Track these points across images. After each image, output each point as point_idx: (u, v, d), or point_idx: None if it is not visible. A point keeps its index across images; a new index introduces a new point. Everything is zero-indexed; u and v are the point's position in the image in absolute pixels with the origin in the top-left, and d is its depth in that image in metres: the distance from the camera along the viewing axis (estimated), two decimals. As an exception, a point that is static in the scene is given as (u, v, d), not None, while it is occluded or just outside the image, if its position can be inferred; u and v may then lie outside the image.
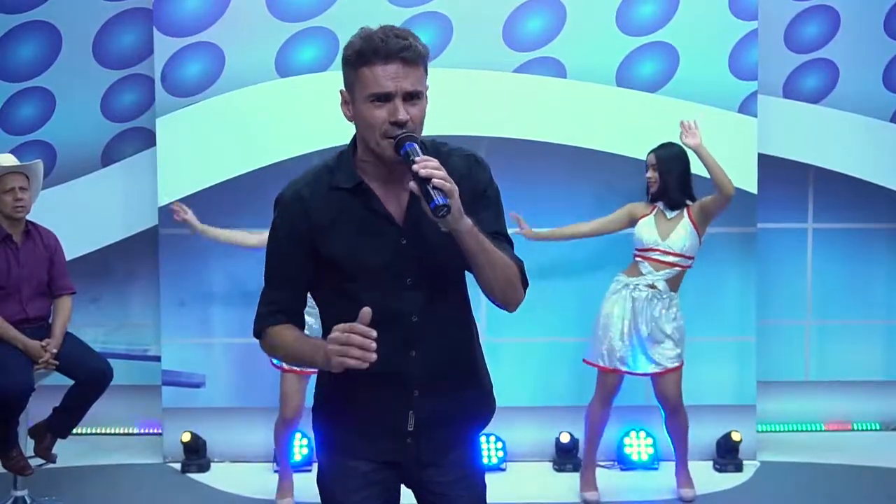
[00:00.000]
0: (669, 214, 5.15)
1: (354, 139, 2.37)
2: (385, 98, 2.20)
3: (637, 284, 5.14)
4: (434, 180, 2.10)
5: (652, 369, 5.14)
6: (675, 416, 5.22)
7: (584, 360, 5.26)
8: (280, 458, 5.23)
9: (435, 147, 2.36)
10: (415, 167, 2.13)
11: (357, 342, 2.08)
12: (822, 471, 5.71)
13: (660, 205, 5.18)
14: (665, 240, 5.11)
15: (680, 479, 5.33)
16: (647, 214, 5.18)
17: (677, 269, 5.13)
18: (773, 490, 5.43)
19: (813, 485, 5.50)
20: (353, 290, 2.29)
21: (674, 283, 5.16)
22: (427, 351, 2.33)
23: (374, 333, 2.08)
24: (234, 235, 5.23)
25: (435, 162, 2.14)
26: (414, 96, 2.21)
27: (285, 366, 4.95)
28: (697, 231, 5.12)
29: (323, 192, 2.32)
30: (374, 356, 2.09)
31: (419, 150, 2.18)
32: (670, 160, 5.12)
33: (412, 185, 2.14)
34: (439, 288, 2.34)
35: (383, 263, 2.29)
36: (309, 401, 5.20)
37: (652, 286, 5.12)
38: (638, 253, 5.18)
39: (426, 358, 2.33)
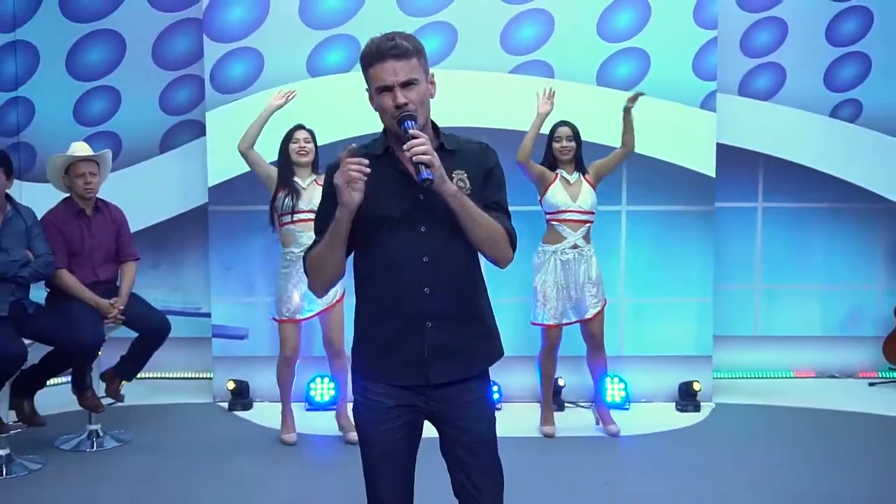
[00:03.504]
0: (571, 179, 5.13)
1: None
2: (387, 88, 2.31)
3: (562, 248, 5.11)
4: (418, 157, 2.22)
5: (584, 317, 5.13)
6: (598, 350, 5.22)
7: (531, 322, 5.23)
8: (285, 396, 5.17)
9: (455, 138, 2.48)
10: (406, 149, 2.24)
11: (351, 166, 2.23)
12: (766, 411, 5.74)
13: (560, 172, 5.14)
14: (576, 201, 5.09)
15: (602, 414, 5.32)
16: (553, 181, 5.13)
17: (588, 224, 5.13)
18: (726, 427, 5.44)
19: (759, 422, 5.52)
20: (378, 236, 2.37)
21: (587, 238, 5.15)
22: (437, 289, 2.37)
23: (364, 161, 2.23)
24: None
25: (420, 142, 2.23)
26: (409, 83, 2.31)
27: (279, 317, 4.99)
28: (594, 190, 5.14)
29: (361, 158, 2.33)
30: (367, 169, 2.23)
31: (414, 128, 2.26)
32: (577, 133, 5.16)
33: (410, 157, 2.24)
34: (447, 237, 2.36)
35: (402, 213, 2.36)
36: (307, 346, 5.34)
37: (575, 246, 5.10)
38: (552, 217, 5.14)
39: (437, 295, 2.37)
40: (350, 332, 2.58)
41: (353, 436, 5.01)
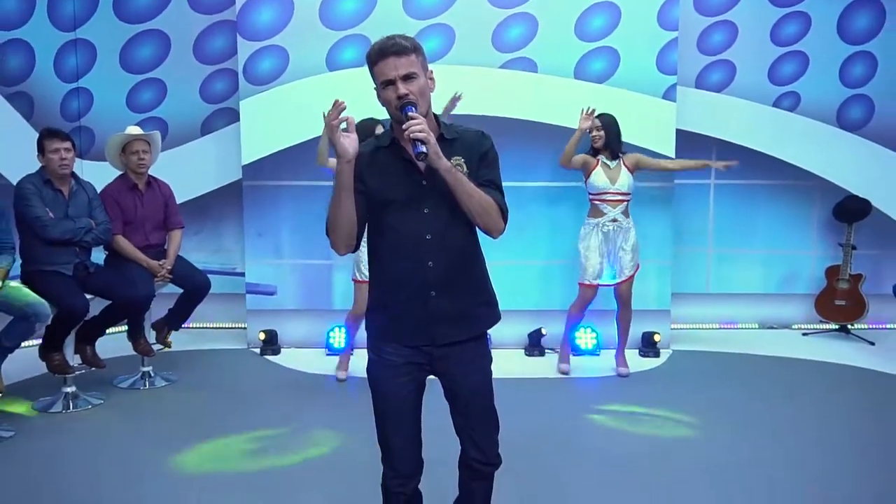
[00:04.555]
0: (611, 164, 5.16)
1: None
2: (390, 82, 2.24)
3: (603, 222, 5.18)
4: (415, 134, 2.15)
5: (618, 280, 5.22)
6: (626, 309, 5.29)
7: (579, 283, 5.26)
8: (348, 341, 5.23)
9: (454, 128, 2.41)
10: (404, 128, 2.18)
11: (331, 116, 2.15)
12: (715, 356, 5.78)
13: (601, 157, 5.18)
14: (615, 184, 5.13)
15: (619, 360, 5.38)
16: (595, 166, 5.17)
17: (625, 202, 5.17)
18: (681, 369, 5.49)
19: (709, 366, 5.56)
20: (386, 217, 2.33)
21: (625, 213, 5.20)
22: (439, 262, 2.32)
23: (341, 102, 2.18)
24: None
25: (417, 121, 2.17)
26: (409, 77, 2.24)
27: (359, 278, 4.95)
28: (631, 174, 5.17)
29: (372, 150, 2.34)
30: (344, 105, 2.14)
31: (414, 112, 2.20)
32: (609, 122, 5.18)
33: (408, 135, 2.18)
34: (448, 216, 2.31)
35: (406, 197, 2.31)
36: (327, 300, 5.35)
37: (614, 220, 5.16)
38: (595, 197, 5.19)
39: (439, 268, 2.33)
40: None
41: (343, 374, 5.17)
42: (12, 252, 4.38)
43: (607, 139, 5.16)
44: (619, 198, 5.15)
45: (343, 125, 2.23)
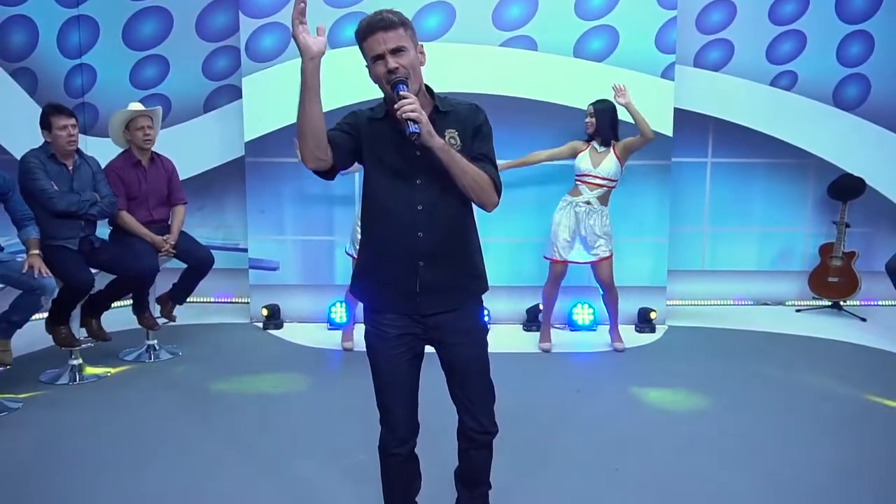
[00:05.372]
0: (600, 150, 5.13)
1: None
2: (380, 57, 2.22)
3: (578, 202, 5.15)
4: (407, 114, 2.13)
5: (589, 259, 5.19)
6: (609, 291, 5.27)
7: (543, 257, 5.30)
8: (350, 313, 5.28)
9: (448, 101, 2.39)
10: (396, 108, 2.16)
11: (294, 13, 2.10)
12: (710, 332, 5.78)
13: (594, 143, 5.16)
14: (596, 168, 5.10)
15: (613, 336, 5.40)
16: (584, 150, 5.16)
17: (605, 188, 5.13)
18: (676, 344, 5.49)
19: (703, 342, 5.56)
20: (379, 186, 2.33)
21: (603, 199, 5.16)
22: (429, 233, 2.31)
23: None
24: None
25: (409, 101, 2.15)
26: (398, 50, 2.21)
27: (354, 254, 4.95)
28: (620, 162, 5.13)
29: (366, 120, 2.34)
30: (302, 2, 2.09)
31: (406, 90, 2.18)
32: (603, 110, 5.11)
33: (400, 115, 2.15)
34: (441, 188, 2.29)
35: (400, 168, 2.30)
36: (329, 275, 5.34)
37: (588, 202, 5.13)
38: (577, 178, 5.18)
39: (429, 238, 2.32)
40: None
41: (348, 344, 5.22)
42: (33, 222, 4.36)
43: (598, 126, 5.12)
44: (599, 182, 5.11)
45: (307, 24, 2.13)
